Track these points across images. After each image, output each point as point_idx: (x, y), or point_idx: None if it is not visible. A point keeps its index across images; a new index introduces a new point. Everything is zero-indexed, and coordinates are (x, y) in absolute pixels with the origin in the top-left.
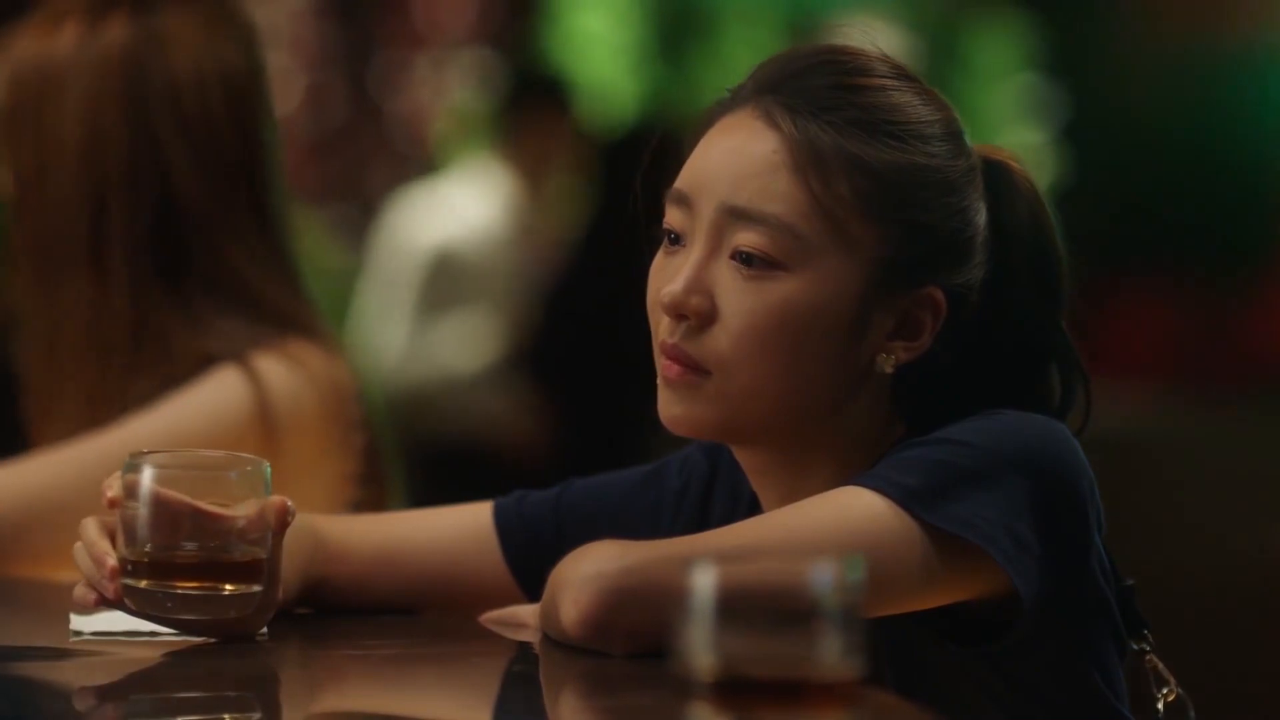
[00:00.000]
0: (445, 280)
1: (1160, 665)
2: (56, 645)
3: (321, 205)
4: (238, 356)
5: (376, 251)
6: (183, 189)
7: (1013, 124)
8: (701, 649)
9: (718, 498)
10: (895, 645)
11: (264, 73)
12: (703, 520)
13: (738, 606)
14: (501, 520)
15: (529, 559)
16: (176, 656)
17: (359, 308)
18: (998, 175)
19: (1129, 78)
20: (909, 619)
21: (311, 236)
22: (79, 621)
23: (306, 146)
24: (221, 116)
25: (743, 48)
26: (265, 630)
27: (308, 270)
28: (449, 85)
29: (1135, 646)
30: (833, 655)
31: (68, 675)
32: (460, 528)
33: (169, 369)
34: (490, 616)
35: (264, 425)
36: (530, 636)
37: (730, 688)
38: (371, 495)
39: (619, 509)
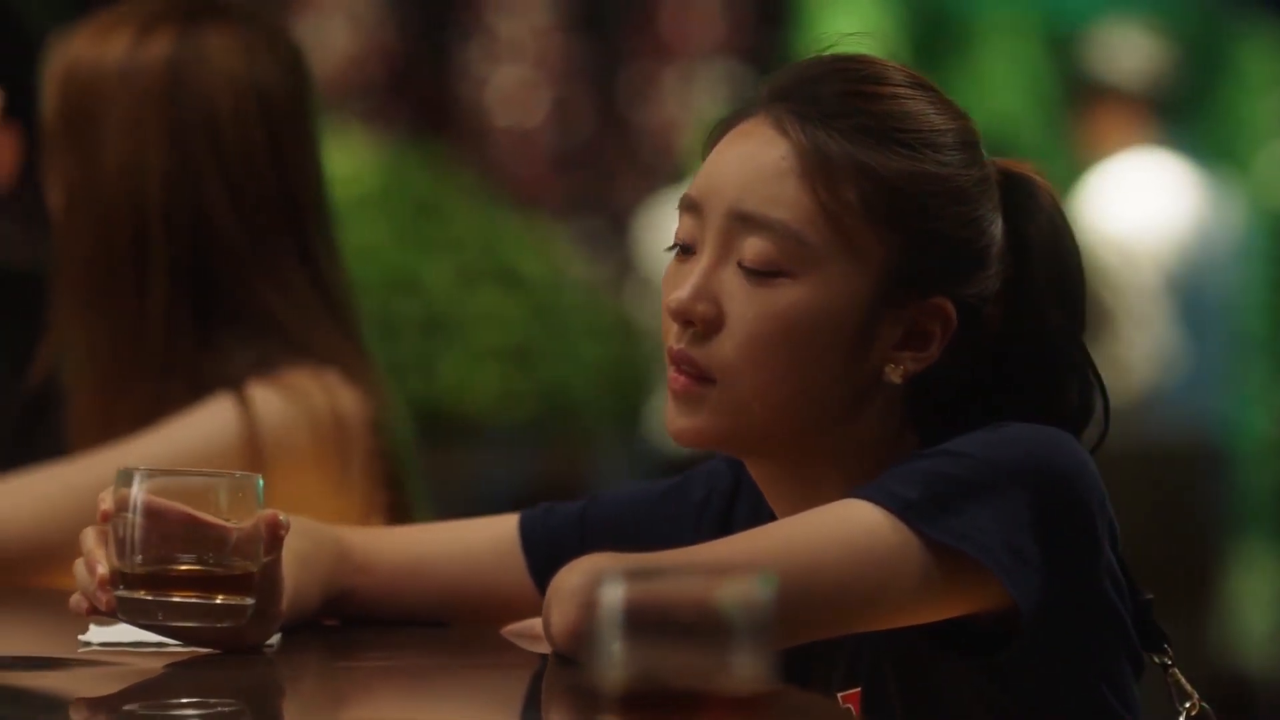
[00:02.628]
0: None
1: (1182, 679)
2: (63, 655)
3: (567, 218)
4: (234, 385)
5: (625, 264)
6: (216, 217)
7: (1277, 135)
8: (611, 662)
9: (740, 510)
10: (899, 657)
11: (310, 98)
12: (724, 532)
13: (647, 620)
14: (527, 532)
15: (553, 571)
16: (179, 667)
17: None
18: (1019, 188)
19: None
20: (913, 631)
21: (557, 249)
22: (89, 632)
23: (552, 160)
24: (259, 145)
25: (999, 59)
26: (273, 641)
27: (551, 283)
28: (697, 97)
29: (1157, 660)
30: (742, 668)
31: (69, 685)
32: (486, 540)
33: (193, 398)
34: (511, 629)
35: (250, 456)
36: (548, 648)
37: (639, 701)
38: (397, 522)
39: (642, 521)
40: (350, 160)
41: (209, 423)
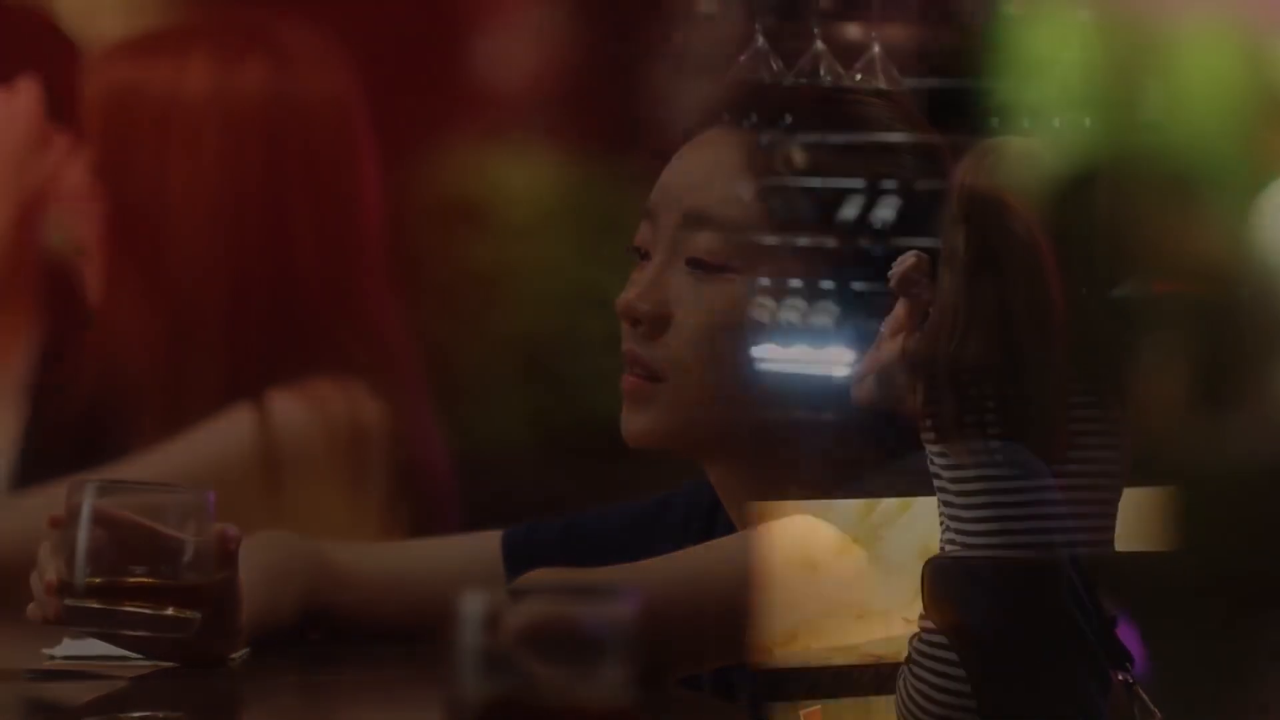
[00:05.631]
0: None
1: (1145, 698)
2: (27, 668)
3: None
4: (254, 393)
5: None
6: (301, 255)
7: None
8: (469, 679)
9: (720, 525)
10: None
11: (357, 105)
12: None
13: (512, 637)
14: (509, 550)
15: None
16: (140, 681)
17: None
18: (989, 207)
19: None
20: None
21: None
22: (58, 646)
23: None
24: (341, 162)
25: (1199, 75)
26: (237, 655)
27: None
28: None
29: (1122, 678)
30: (604, 685)
31: (29, 697)
32: (468, 556)
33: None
34: None
35: (266, 464)
36: None
37: (499, 717)
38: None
39: (625, 538)
40: (533, 176)
41: (226, 431)
